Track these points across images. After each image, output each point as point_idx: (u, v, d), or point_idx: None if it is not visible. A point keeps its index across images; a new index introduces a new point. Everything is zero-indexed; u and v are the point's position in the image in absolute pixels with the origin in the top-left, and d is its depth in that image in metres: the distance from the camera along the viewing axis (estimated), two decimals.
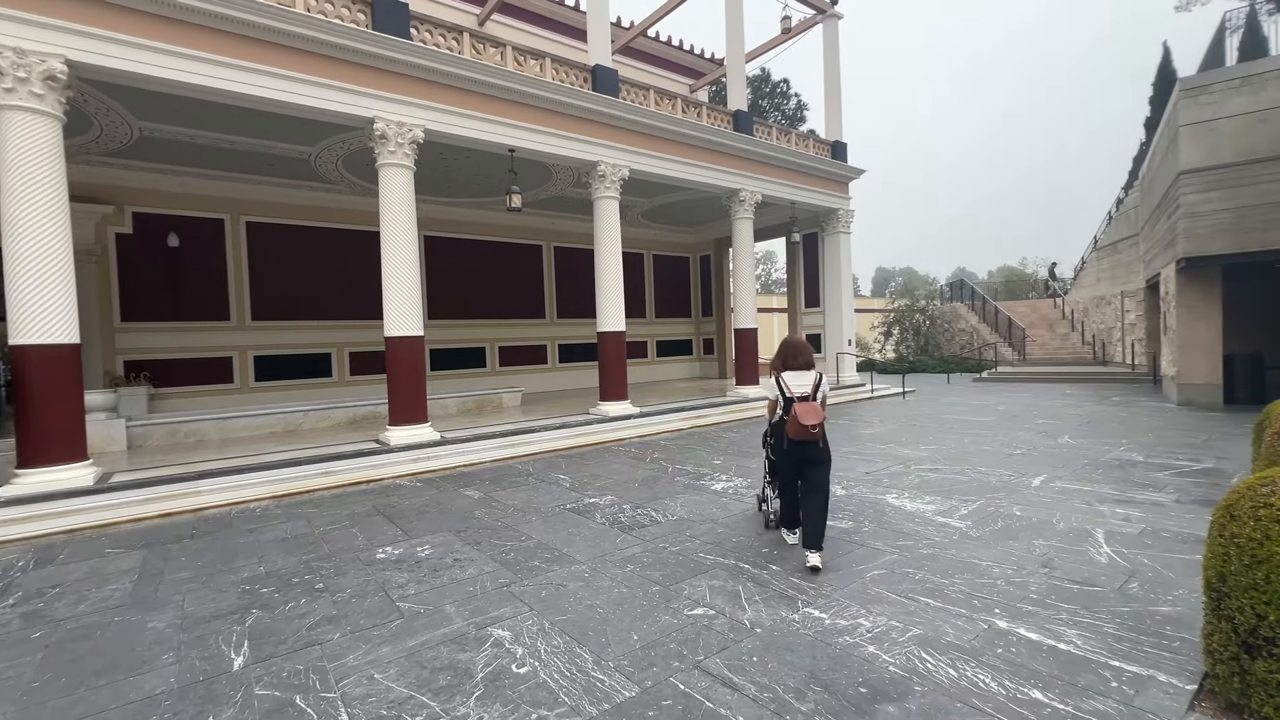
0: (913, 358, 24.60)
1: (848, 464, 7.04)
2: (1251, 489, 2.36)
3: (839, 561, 4.00)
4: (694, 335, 19.93)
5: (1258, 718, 2.22)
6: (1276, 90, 9.78)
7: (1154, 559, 3.84)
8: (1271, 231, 9.72)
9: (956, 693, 2.50)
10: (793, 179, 13.91)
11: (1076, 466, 6.50)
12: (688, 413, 11.06)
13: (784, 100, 31.11)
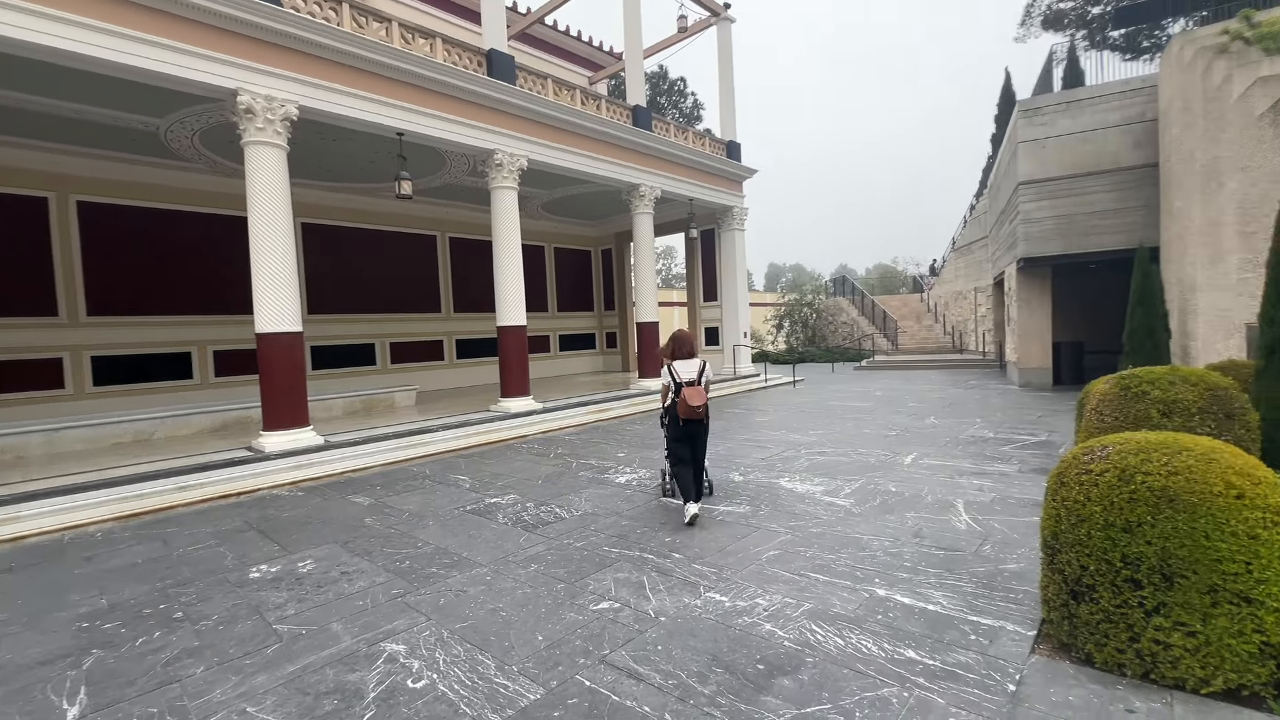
0: (802, 348, 26.22)
1: (744, 451, 7.37)
2: (1076, 458, 2.73)
3: (738, 546, 4.17)
4: (597, 329, 19.93)
5: (1082, 654, 2.58)
6: (1093, 115, 11.41)
7: (1003, 523, 4.37)
8: (1090, 236, 11.36)
9: (843, 660, 2.69)
10: (691, 176, 14.26)
11: (941, 444, 7.25)
12: (591, 407, 11.05)
13: (681, 98, 31.81)
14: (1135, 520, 2.41)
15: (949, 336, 23.97)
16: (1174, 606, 2.33)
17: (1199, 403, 3.84)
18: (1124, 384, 4.15)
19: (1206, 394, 3.85)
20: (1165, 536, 2.35)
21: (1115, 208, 11.15)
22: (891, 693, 2.43)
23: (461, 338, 15.65)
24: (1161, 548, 2.35)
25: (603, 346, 20.04)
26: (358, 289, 13.56)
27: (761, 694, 2.45)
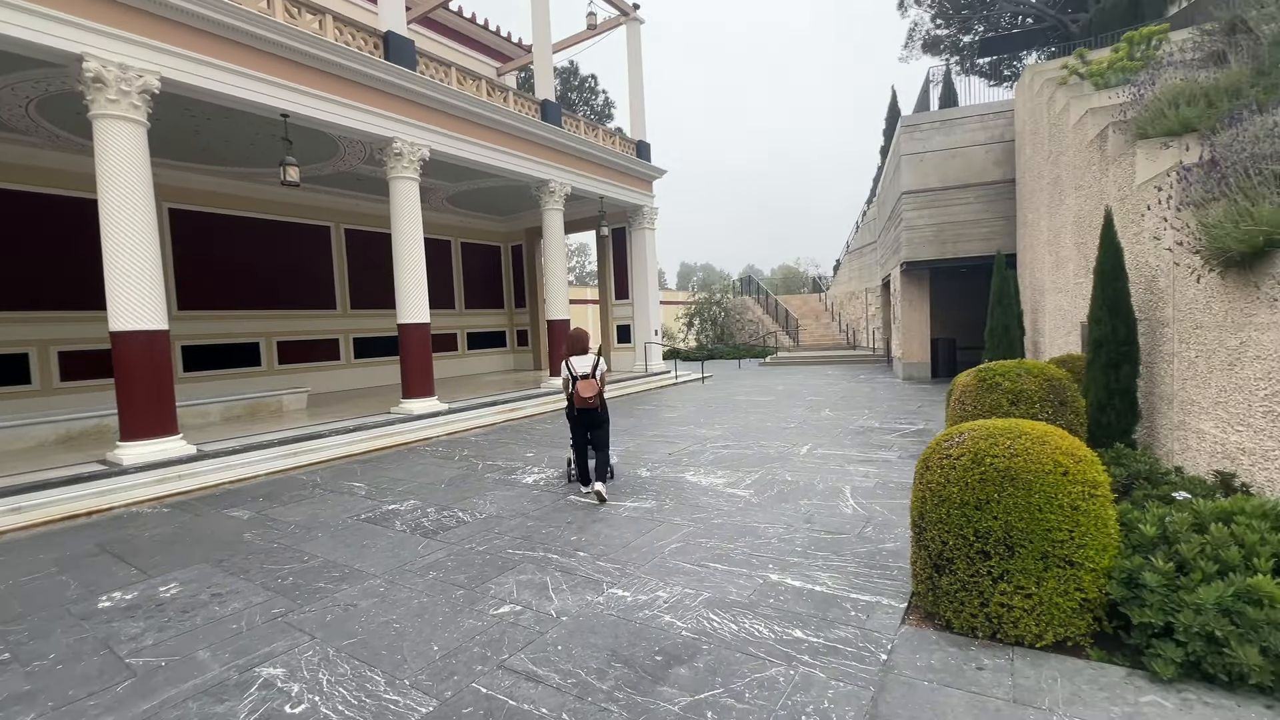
0: (711, 346, 27.05)
1: (653, 447, 7.50)
2: (938, 445, 3.02)
3: (642, 541, 4.24)
4: (508, 327, 19.48)
5: (943, 621, 2.86)
6: (962, 133, 12.63)
7: (884, 506, 4.75)
8: (960, 243, 12.57)
9: (737, 644, 2.82)
10: (601, 174, 14.27)
11: (833, 435, 7.75)
12: (500, 406, 10.80)
13: (593, 95, 31.73)
14: (985, 498, 2.70)
15: (844, 334, 25.67)
16: (1015, 573, 2.64)
17: (1040, 392, 4.37)
18: (981, 376, 4.65)
19: (1045, 384, 4.40)
20: (1008, 511, 2.65)
21: (980, 218, 12.41)
22: (779, 672, 2.58)
23: (360, 336, 14.73)
24: (1005, 521, 2.65)
25: (514, 345, 19.63)
26: (239, 283, 12.39)
27: (658, 684, 2.51)
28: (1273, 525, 2.57)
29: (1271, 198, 3.48)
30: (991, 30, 24.74)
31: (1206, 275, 3.98)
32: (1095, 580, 2.60)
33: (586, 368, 5.28)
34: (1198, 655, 2.30)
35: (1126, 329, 4.79)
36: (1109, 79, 7.42)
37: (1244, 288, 3.64)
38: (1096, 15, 17.79)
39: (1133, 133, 5.42)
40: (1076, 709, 2.22)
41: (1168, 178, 4.49)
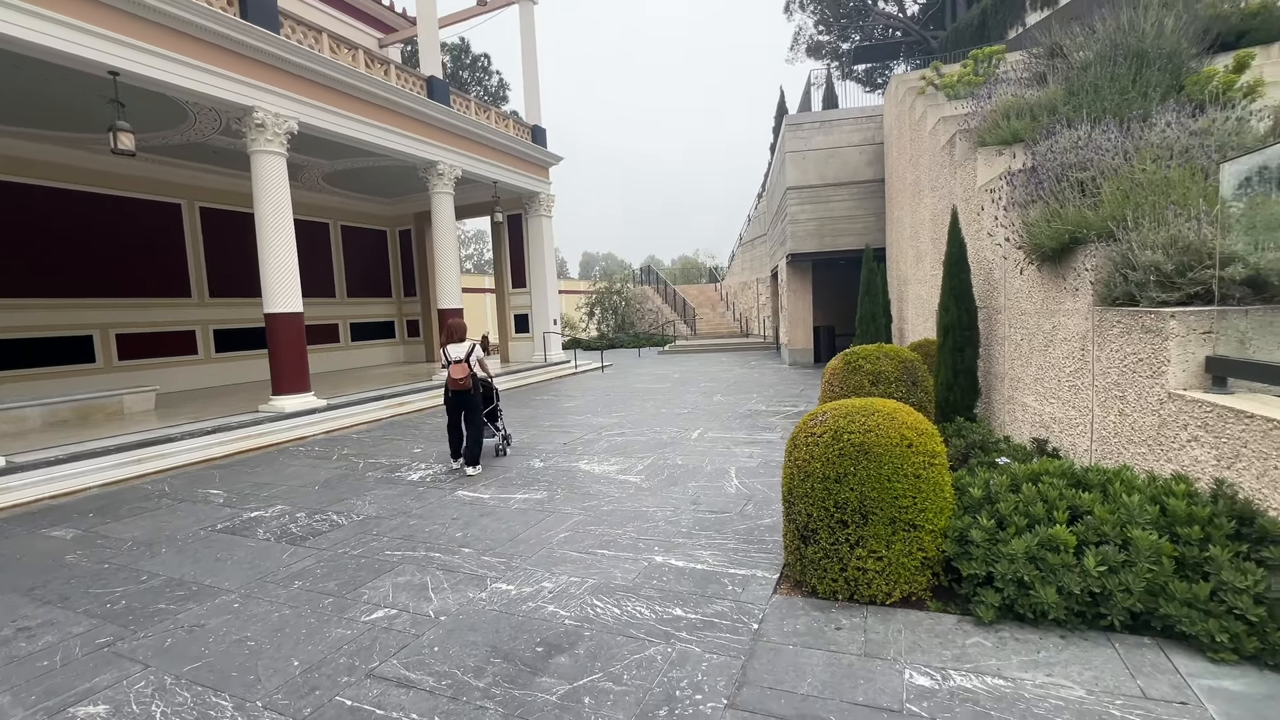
0: (612, 334, 27.21)
1: (549, 437, 7.41)
2: (804, 425, 3.22)
3: (531, 532, 4.18)
4: (397, 316, 18.39)
5: (809, 588, 3.07)
6: (841, 134, 13.52)
7: (764, 484, 5.01)
8: (839, 237, 13.49)
9: (618, 628, 2.85)
10: (495, 158, 13.78)
11: (724, 419, 8.08)
12: (387, 401, 10.18)
13: (486, 76, 30.52)
14: (843, 471, 2.92)
15: (738, 323, 26.81)
16: (869, 539, 2.88)
17: (895, 373, 4.81)
18: (847, 360, 5.04)
19: (900, 366, 4.85)
20: (863, 483, 2.88)
21: (855, 214, 13.40)
22: (657, 650, 2.64)
23: (222, 327, 13.25)
24: (860, 492, 2.88)
25: (404, 335, 18.58)
26: (66, 266, 10.67)
27: (537, 675, 2.49)
28: (1069, 483, 3.00)
29: (1075, 201, 4.03)
30: (866, 39, 26.66)
31: (1028, 268, 4.55)
32: (934, 540, 2.90)
33: (461, 354, 5.94)
34: (1011, 599, 2.64)
35: (969, 316, 5.38)
36: (958, 91, 8.25)
37: (1055, 279, 4.20)
38: (951, 33, 19.72)
39: (975, 140, 6.06)
40: (915, 656, 2.48)
41: (1000, 182, 5.07)
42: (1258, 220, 2.95)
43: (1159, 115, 4.38)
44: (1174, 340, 2.98)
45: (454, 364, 5.87)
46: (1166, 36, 5.61)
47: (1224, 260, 2.96)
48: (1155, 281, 3.21)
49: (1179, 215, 3.29)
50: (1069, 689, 2.21)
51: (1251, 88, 4.86)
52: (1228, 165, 3.14)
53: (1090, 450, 3.78)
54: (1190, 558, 2.46)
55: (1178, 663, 2.31)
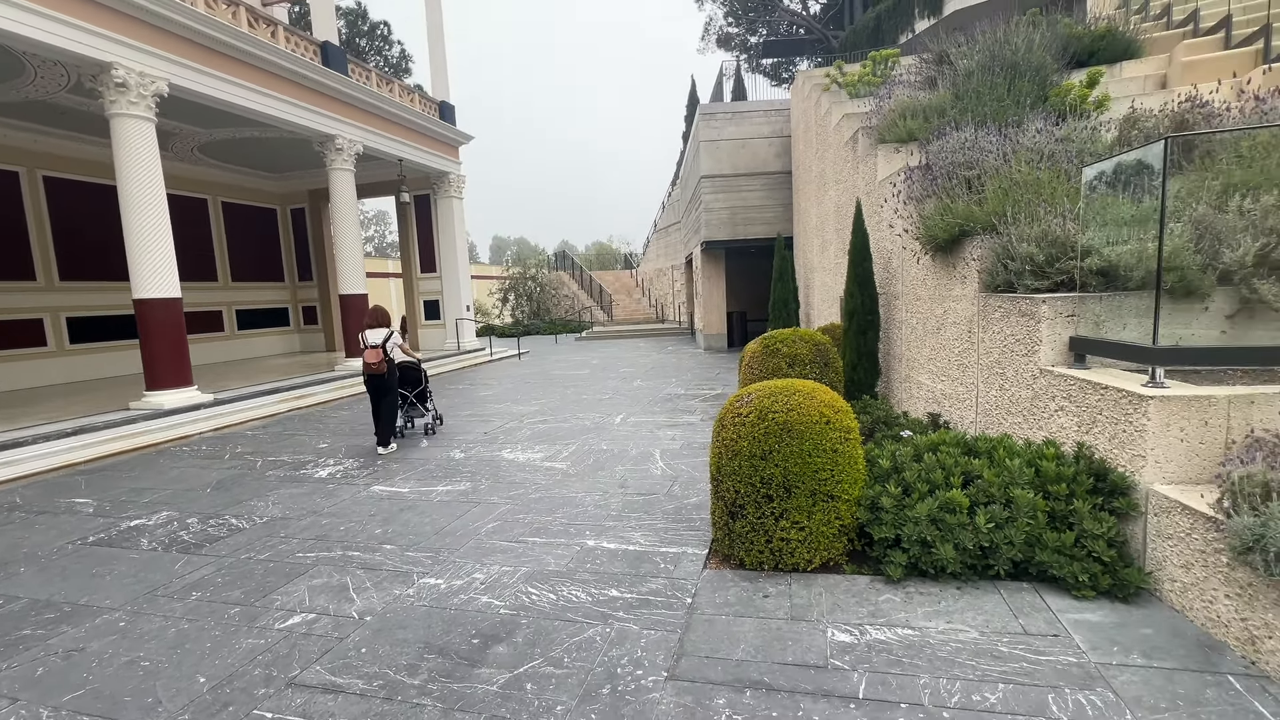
0: (527, 321, 26.70)
1: (468, 427, 7.20)
2: (731, 405, 3.36)
3: (457, 524, 4.07)
4: (291, 302, 16.99)
5: (738, 560, 3.23)
6: (750, 126, 13.96)
7: (688, 465, 5.17)
8: (750, 226, 13.99)
9: (556, 613, 2.86)
10: (399, 134, 13.00)
11: (645, 403, 8.20)
12: (285, 394, 9.43)
13: (386, 45, 28.59)
14: (768, 449, 3.08)
15: (654, 309, 27.17)
16: (791, 510, 3.07)
17: (809, 355, 5.12)
18: (765, 344, 5.28)
19: (814, 349, 5.16)
20: (786, 459, 3.05)
21: (765, 204, 13.95)
22: (596, 632, 2.68)
23: (77, 315, 11.64)
24: (784, 468, 3.06)
25: (300, 323, 17.22)
26: None
27: (476, 668, 2.45)
28: (963, 451, 3.34)
29: (964, 197, 4.44)
30: (773, 35, 27.61)
31: (923, 257, 4.96)
32: (849, 509, 3.14)
33: (378, 340, 6.10)
34: (916, 557, 2.91)
35: (871, 301, 5.79)
36: (859, 90, 8.77)
37: (946, 268, 4.61)
38: (850, 34, 20.86)
39: (875, 137, 6.49)
40: (836, 615, 2.68)
41: (898, 177, 5.47)
42: (1108, 218, 3.40)
43: (1030, 122, 4.91)
44: (1044, 323, 3.38)
45: (369, 349, 6.06)
46: (1034, 51, 6.27)
47: (1083, 253, 3.39)
48: (1030, 271, 3.62)
49: (1049, 212, 3.72)
50: (965, 632, 2.48)
51: (1101, 101, 5.55)
52: (1087, 169, 3.58)
53: (976, 421, 4.22)
54: (1059, 511, 2.83)
55: (1050, 602, 2.66)
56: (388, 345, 6.13)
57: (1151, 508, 2.64)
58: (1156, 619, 2.48)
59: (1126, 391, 2.74)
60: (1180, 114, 4.29)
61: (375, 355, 6.05)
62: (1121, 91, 6.50)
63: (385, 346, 6.10)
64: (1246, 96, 4.14)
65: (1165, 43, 7.65)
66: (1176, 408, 2.58)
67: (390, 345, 6.15)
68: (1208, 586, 2.35)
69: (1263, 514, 2.02)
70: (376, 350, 6.06)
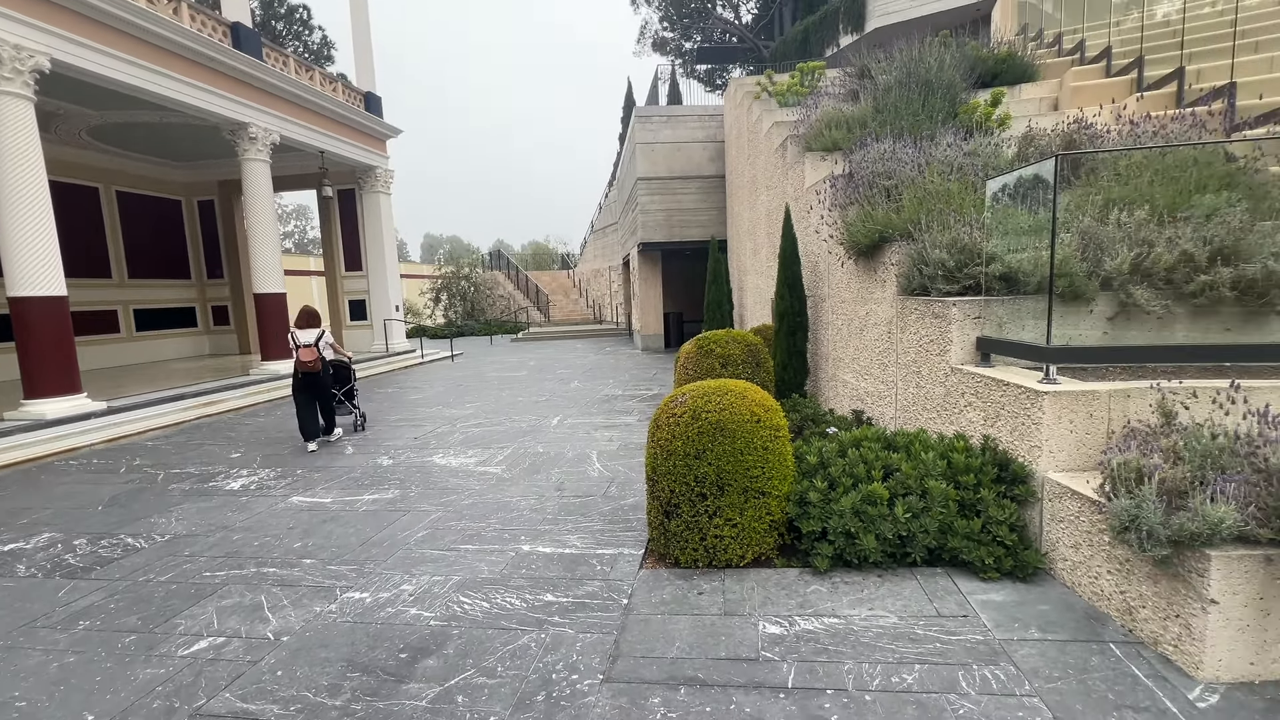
0: (461, 322, 25.97)
1: (396, 433, 6.92)
2: (665, 406, 3.39)
3: (384, 534, 3.90)
4: (198, 302, 15.75)
5: (673, 559, 3.26)
6: (686, 130, 14.17)
7: (625, 466, 5.18)
8: (685, 228, 14.20)
9: (488, 621, 2.79)
10: (321, 124, 12.33)
11: (582, 404, 8.16)
12: (192, 400, 8.73)
13: (305, 30, 27.07)
14: (702, 448, 3.13)
15: (591, 309, 27.09)
16: (724, 508, 3.13)
17: (742, 356, 5.26)
18: (699, 344, 5.38)
19: (746, 349, 5.30)
20: (719, 457, 3.12)
21: (700, 207, 14.20)
22: (531, 638, 2.64)
23: None
24: (717, 467, 3.12)
25: (209, 324, 16.00)
26: None
27: (403, 683, 2.35)
28: (883, 446, 3.52)
29: (883, 206, 4.69)
30: (707, 41, 28.17)
31: (847, 262, 5.20)
32: (779, 504, 3.24)
33: (310, 339, 6.23)
34: (841, 549, 3.05)
35: (800, 303, 6.01)
36: (788, 99, 9.08)
37: (868, 272, 4.86)
38: (780, 45, 21.61)
39: (803, 146, 6.74)
40: (768, 608, 2.76)
41: (824, 184, 5.71)
42: (1009, 228, 3.69)
43: (942, 136, 5.25)
44: (955, 324, 3.63)
45: (304, 348, 6.20)
46: (945, 70, 6.70)
47: (988, 259, 3.66)
48: (942, 275, 3.87)
49: (958, 221, 3.99)
50: (886, 618, 2.62)
51: (1003, 119, 6.00)
52: (990, 182, 3.87)
53: (896, 417, 4.47)
54: (968, 500, 3.04)
55: (961, 585, 2.85)
56: (320, 344, 6.28)
57: (1046, 494, 2.88)
58: (1052, 595, 2.71)
59: (1025, 388, 2.98)
60: (1069, 134, 4.71)
61: (311, 354, 6.19)
62: (1020, 111, 7.06)
63: (318, 345, 6.26)
64: (1123, 121, 4.60)
65: (1057, 68, 8.37)
66: (1066, 402, 2.83)
67: (322, 344, 6.31)
68: (1093, 564, 2.59)
69: (1136, 496, 2.24)
70: (311, 349, 6.21)
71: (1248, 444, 2.26)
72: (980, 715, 2.01)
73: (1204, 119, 4.73)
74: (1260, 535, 2.08)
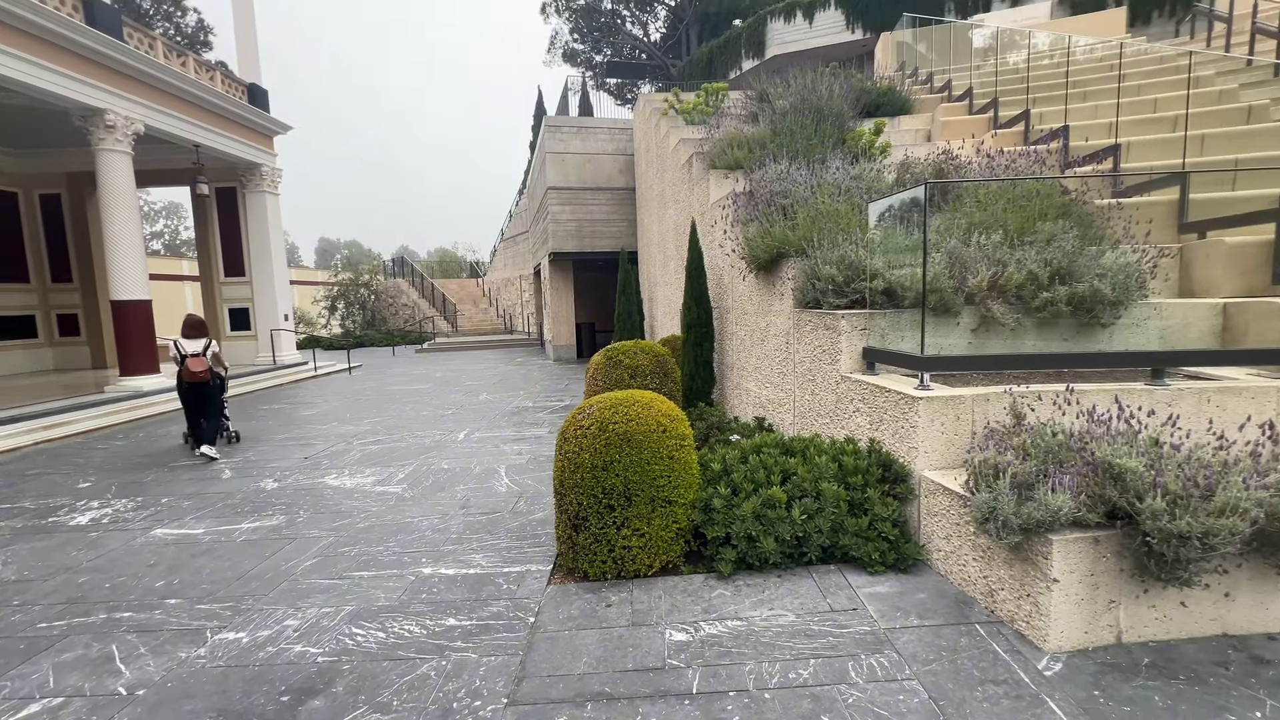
0: (361, 332, 24.46)
1: (283, 452, 6.38)
2: (573, 418, 3.37)
3: (265, 566, 3.57)
4: (40, 309, 13.76)
5: (582, 573, 3.24)
6: (596, 142, 14.27)
7: (535, 480, 5.09)
8: (597, 239, 14.26)
9: (384, 653, 2.63)
10: (194, 114, 11.22)
11: (491, 417, 7.93)
12: (29, 423, 7.58)
13: (177, 11, 24.63)
14: (610, 460, 3.14)
15: (502, 319, 26.48)
16: (632, 519, 3.16)
17: (650, 366, 5.34)
18: (608, 356, 5.41)
19: (654, 360, 5.40)
20: (627, 468, 3.14)
21: (611, 218, 14.34)
22: (431, 666, 2.51)
23: None
24: (625, 477, 3.14)
25: (53, 334, 14.01)
26: None
27: None
28: (781, 451, 3.70)
29: (780, 223, 4.96)
30: (617, 56, 28.61)
31: (749, 275, 5.44)
32: (686, 512, 3.31)
33: (197, 349, 6.21)
34: (744, 552, 3.16)
35: (706, 314, 6.21)
36: (694, 117, 9.40)
37: (768, 285, 5.11)
38: (687, 64, 22.36)
39: (708, 163, 7.00)
40: (674, 616, 2.80)
41: (727, 201, 5.95)
42: (889, 247, 4.02)
43: (832, 160, 5.65)
44: (844, 335, 3.89)
45: (192, 357, 6.16)
46: (835, 99, 7.23)
47: (871, 275, 3.97)
48: (832, 290, 4.15)
49: (846, 240, 4.30)
50: (784, 616, 2.74)
51: (884, 147, 6.56)
52: (872, 205, 4.21)
53: (794, 423, 4.72)
54: (857, 499, 3.26)
55: (851, 580, 3.04)
56: (208, 354, 6.27)
57: (923, 491, 3.15)
58: (929, 584, 2.96)
59: (903, 394, 3.25)
60: (939, 163, 5.23)
61: (201, 364, 6.15)
62: (899, 140, 7.75)
63: (207, 355, 6.26)
64: (981, 154, 5.17)
65: (930, 104, 9.28)
66: (938, 406, 3.11)
67: (209, 355, 6.30)
68: (961, 552, 2.86)
69: (994, 490, 2.51)
70: (201, 359, 6.18)
71: (1080, 440, 2.59)
72: (867, 702, 2.15)
73: (1044, 155, 5.42)
74: (1090, 519, 2.39)
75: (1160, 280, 4.41)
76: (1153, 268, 4.01)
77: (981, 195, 4.60)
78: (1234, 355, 3.50)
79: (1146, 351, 3.63)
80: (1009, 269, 3.76)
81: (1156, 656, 2.33)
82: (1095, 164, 5.60)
